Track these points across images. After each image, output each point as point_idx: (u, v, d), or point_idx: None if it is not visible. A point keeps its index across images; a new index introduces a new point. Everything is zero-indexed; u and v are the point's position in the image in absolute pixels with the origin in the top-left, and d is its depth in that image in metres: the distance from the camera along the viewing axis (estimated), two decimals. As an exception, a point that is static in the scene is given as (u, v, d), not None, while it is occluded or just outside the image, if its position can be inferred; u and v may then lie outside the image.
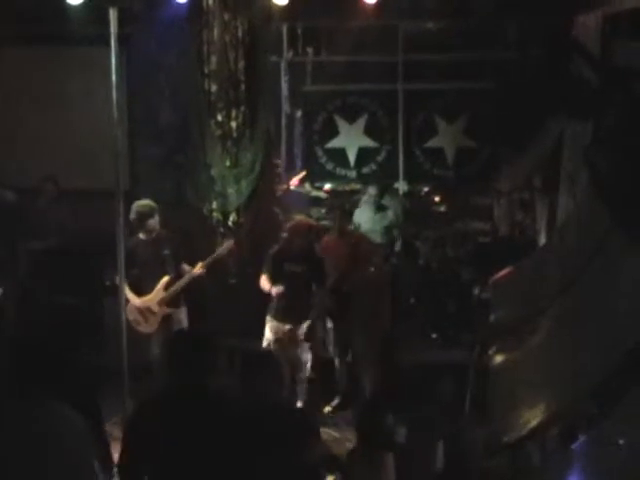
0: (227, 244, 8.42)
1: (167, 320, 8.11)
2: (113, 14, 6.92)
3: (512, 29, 10.41)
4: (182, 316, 8.19)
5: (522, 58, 8.66)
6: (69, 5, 7.66)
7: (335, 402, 8.42)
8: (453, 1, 8.97)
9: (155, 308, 8.08)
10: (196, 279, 8.13)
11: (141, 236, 8.08)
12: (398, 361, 5.45)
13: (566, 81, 6.40)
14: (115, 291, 7.52)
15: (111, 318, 8.01)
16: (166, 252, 8.10)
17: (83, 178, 9.83)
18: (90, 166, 9.69)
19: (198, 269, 8.07)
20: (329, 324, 8.50)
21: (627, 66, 5.99)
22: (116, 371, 7.33)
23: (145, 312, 8.08)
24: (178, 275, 8.13)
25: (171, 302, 8.11)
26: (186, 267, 8.13)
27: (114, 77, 7.05)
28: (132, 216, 7.97)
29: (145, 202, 8.11)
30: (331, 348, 8.51)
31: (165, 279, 8.08)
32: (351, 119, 11.41)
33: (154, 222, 8.07)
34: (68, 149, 10.01)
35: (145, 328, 8.11)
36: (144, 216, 8.02)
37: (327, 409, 8.35)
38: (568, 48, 6.64)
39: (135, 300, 8.03)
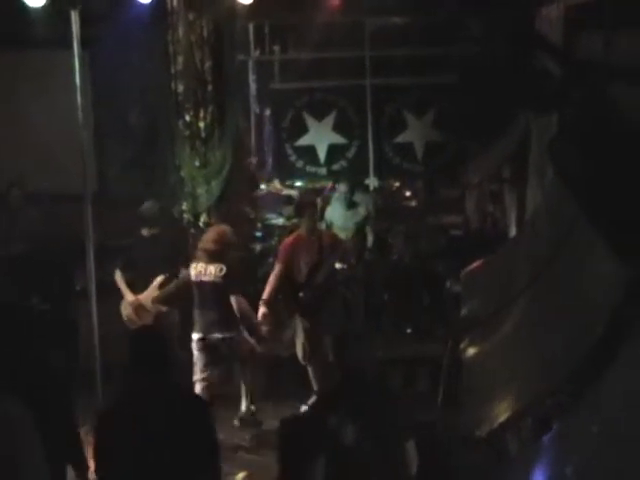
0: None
1: (160, 319, 8.10)
2: (75, 16, 6.90)
3: (476, 23, 10.46)
4: (175, 316, 8.21)
5: (486, 52, 8.70)
6: (31, 8, 7.62)
7: (311, 401, 8.36)
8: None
9: (148, 306, 8.11)
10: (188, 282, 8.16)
11: (143, 233, 8.16)
12: (350, 359, 5.29)
13: (530, 74, 6.43)
14: (86, 294, 7.51)
15: (84, 321, 8.04)
16: (164, 251, 8.16)
17: (51, 181, 9.75)
18: (57, 169, 9.62)
19: (192, 271, 8.07)
20: (299, 323, 8.43)
21: (589, 57, 6.03)
22: (89, 374, 7.33)
23: (139, 309, 8.10)
24: (174, 275, 8.15)
25: (165, 301, 8.14)
26: (184, 269, 8.13)
27: (77, 79, 7.02)
28: (153, 213, 8.19)
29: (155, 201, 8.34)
30: (300, 348, 8.42)
31: (160, 278, 8.11)
32: (320, 116, 11.41)
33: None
34: (35, 152, 9.92)
35: (135, 325, 8.07)
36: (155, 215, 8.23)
37: (303, 408, 8.30)
38: (531, 41, 6.67)
39: (128, 296, 8.08)
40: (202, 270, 7.79)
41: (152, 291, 8.11)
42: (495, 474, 4.70)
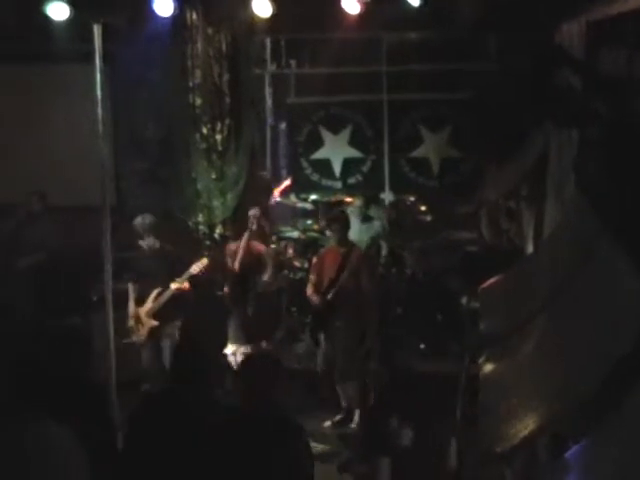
0: (201, 262, 8.34)
1: (155, 332, 8.17)
2: (98, 30, 6.90)
3: (495, 39, 10.46)
4: (172, 330, 8.20)
5: (505, 68, 8.68)
6: (52, 22, 7.65)
7: (337, 418, 8.26)
8: (436, 12, 9.00)
9: (144, 319, 8.18)
10: (182, 294, 8.15)
11: (144, 246, 8.20)
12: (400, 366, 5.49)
13: (551, 90, 6.40)
14: (102, 307, 7.51)
15: (99, 333, 8.03)
16: (161, 265, 8.18)
17: (69, 194, 9.80)
18: (76, 182, 9.67)
19: (175, 286, 8.13)
20: (322, 338, 8.39)
21: (611, 73, 6.01)
22: (104, 386, 7.30)
23: (137, 321, 8.21)
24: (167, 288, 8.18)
25: (159, 315, 8.16)
26: (174, 283, 8.18)
27: (99, 93, 7.03)
28: (144, 226, 8.14)
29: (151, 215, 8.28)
30: (320, 362, 8.40)
31: (156, 291, 8.15)
32: (335, 130, 11.42)
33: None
34: (53, 166, 9.99)
35: (136, 337, 8.23)
36: (154, 228, 8.20)
37: (327, 424, 8.19)
38: (553, 56, 6.64)
39: (130, 307, 8.21)
40: None
41: (148, 304, 8.20)
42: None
